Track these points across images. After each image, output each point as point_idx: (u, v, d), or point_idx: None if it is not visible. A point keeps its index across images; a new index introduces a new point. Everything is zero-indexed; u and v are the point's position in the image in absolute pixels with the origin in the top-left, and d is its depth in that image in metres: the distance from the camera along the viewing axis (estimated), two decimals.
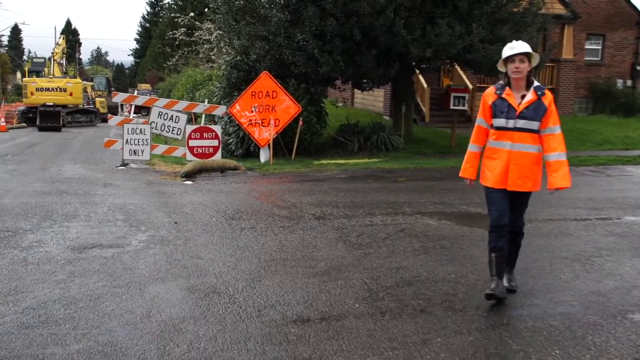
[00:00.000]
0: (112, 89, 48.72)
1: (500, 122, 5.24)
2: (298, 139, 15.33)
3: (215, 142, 14.29)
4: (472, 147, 5.48)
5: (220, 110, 15.16)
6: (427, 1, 14.71)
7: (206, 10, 29.55)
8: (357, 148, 16.64)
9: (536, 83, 5.26)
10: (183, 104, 15.29)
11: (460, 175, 5.62)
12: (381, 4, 14.08)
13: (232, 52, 18.58)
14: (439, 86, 24.55)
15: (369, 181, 11.92)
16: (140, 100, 15.21)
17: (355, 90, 28.41)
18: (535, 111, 5.16)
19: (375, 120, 18.42)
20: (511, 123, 5.19)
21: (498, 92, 5.31)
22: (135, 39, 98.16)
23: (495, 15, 15.34)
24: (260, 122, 14.82)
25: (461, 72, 22.06)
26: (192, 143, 14.20)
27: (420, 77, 21.58)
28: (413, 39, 14.41)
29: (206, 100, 16.02)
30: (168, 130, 14.63)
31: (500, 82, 5.41)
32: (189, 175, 12.54)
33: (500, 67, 5.37)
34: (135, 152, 14.18)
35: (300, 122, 15.15)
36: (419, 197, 10.01)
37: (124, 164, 14.43)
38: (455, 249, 6.92)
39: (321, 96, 17.99)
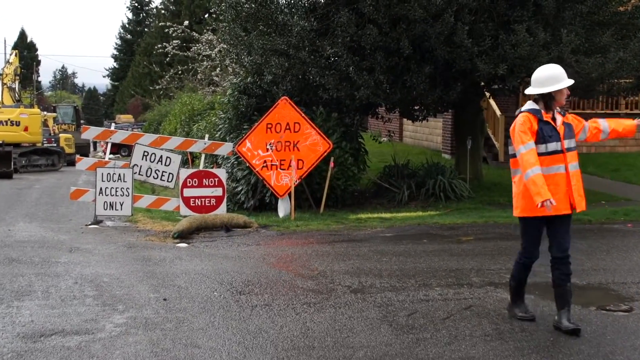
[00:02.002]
0: (82, 121, 49.59)
1: (552, 146, 6.78)
2: (328, 185, 15.43)
3: (218, 191, 14.44)
4: (539, 170, 6.67)
5: (225, 148, 15.35)
6: (500, 0, 14.82)
7: (206, 16, 30.18)
8: (407, 197, 16.66)
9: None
10: (176, 141, 15.53)
11: (543, 199, 6.52)
12: (437, 5, 14.22)
13: (241, 72, 18.90)
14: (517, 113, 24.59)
15: (423, 241, 11.92)
16: (119, 137, 15.46)
17: (404, 120, 28.63)
18: (570, 130, 6.94)
19: (431, 159, 18.48)
20: (560, 145, 6.79)
21: (538, 116, 6.84)
22: (113, 56, 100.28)
23: (593, 17, 15.35)
24: (278, 163, 14.97)
25: None
26: (187, 193, 14.37)
27: (492, 101, 21.70)
28: (481, 51, 14.52)
29: (207, 136, 16.25)
30: (156, 176, 14.83)
31: (530, 107, 6.93)
32: (183, 236, 12.65)
33: (534, 92, 6.93)
34: (112, 206, 14.38)
35: (332, 164, 15.27)
36: (490, 263, 9.97)
37: (97, 222, 14.63)
38: (541, 332, 6.87)
39: (359, 129, 18.13)
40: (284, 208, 14.99)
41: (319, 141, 15.02)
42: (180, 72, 36.13)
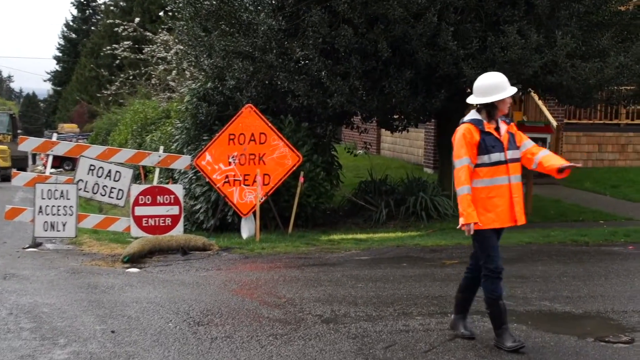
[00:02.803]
0: (19, 131, 49.24)
1: (495, 156, 7.40)
2: (298, 203, 15.44)
3: (174, 210, 14.40)
4: (468, 190, 7.38)
5: (182, 162, 15.32)
6: None
7: (161, 14, 30.14)
8: (386, 216, 16.70)
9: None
10: (127, 154, 15.47)
11: (466, 222, 7.28)
12: (419, 3, 14.29)
13: (200, 77, 18.88)
14: None
15: (402, 265, 11.96)
16: (62, 148, 15.37)
17: (382, 131, 28.70)
18: (514, 140, 7.56)
19: (412, 174, 18.55)
20: (503, 156, 7.42)
21: (480, 127, 7.43)
22: (55, 57, 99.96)
23: (591, 17, 15.45)
24: (241, 179, 14.97)
25: (540, 103, 22.28)
26: (139, 211, 14.31)
27: None
28: (467, 54, 14.60)
29: (161, 148, 16.21)
30: (104, 193, 14.77)
31: (472, 117, 7.52)
32: (134, 260, 12.60)
33: (476, 101, 7.47)
34: (53, 226, 14.28)
35: (301, 179, 15.28)
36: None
37: (36, 244, 14.51)
38: None
39: (332, 140, 18.16)
40: (248, 228, 14.97)
41: (288, 154, 15.04)
42: (131, 76, 36.01)
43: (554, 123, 21.44)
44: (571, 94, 15.95)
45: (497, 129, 7.48)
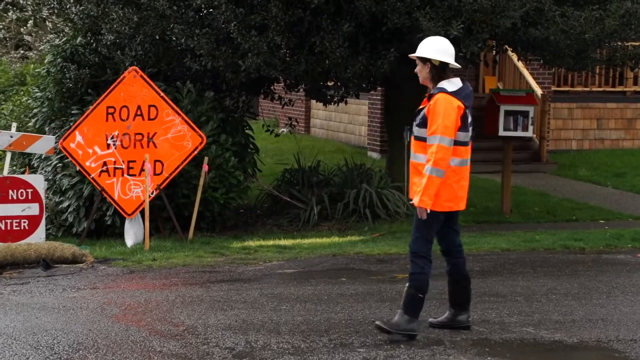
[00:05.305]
0: None
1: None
2: (201, 199, 15.41)
3: (33, 209, 14.28)
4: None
5: (43, 144, 15.16)
6: None
7: None
8: (318, 215, 16.74)
9: (440, 85, 9.02)
10: None
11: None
12: None
13: (67, 29, 18.69)
14: (477, 92, 24.95)
15: (340, 280, 12.02)
16: None
17: (313, 103, 28.75)
18: (420, 117, 9.07)
19: (351, 160, 18.62)
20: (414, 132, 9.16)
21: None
22: None
23: None
24: (125, 167, 14.88)
25: (520, 65, 22.52)
26: None
27: None
28: (424, 1, 14.68)
29: (14, 125, 16.04)
30: None
31: None
32: None
33: None
34: None
35: (205, 167, 15.23)
36: (438, 311, 10.07)
37: None
38: None
39: (245, 115, 18.14)
40: (133, 233, 14.90)
41: (187, 133, 14.97)
42: None
43: (539, 92, 21.70)
44: (561, 53, 16.10)
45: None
